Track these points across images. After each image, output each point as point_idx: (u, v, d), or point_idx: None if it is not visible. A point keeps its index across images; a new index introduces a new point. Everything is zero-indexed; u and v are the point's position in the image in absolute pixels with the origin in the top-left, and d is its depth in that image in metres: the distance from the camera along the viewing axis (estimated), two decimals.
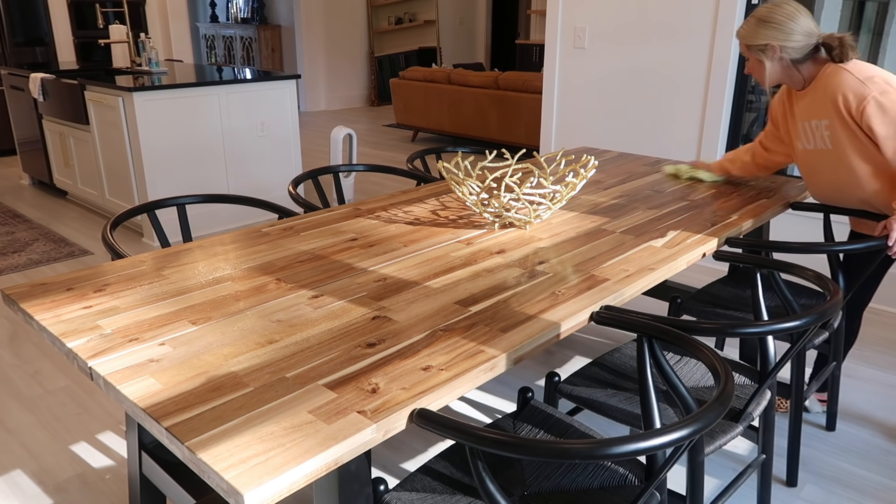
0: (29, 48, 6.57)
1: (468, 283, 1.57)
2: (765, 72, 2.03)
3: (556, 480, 1.40)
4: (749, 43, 2.03)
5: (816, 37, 1.98)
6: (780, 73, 2.04)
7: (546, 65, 4.20)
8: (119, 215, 1.99)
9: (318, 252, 1.76)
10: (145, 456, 1.65)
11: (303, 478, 0.95)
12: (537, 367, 2.80)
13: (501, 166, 2.10)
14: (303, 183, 3.22)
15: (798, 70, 2.03)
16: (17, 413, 2.48)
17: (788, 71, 2.03)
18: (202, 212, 4.23)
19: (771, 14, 1.98)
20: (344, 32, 9.35)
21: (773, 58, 2.00)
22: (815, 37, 1.98)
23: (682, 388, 1.42)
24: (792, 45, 1.97)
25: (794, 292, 2.29)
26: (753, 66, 2.07)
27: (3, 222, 4.63)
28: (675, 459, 1.21)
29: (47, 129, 4.94)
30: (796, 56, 1.99)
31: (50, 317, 1.38)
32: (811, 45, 1.98)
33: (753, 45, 2.01)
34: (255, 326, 1.34)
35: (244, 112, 4.38)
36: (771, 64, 2.02)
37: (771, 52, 1.99)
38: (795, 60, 2.00)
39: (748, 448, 2.29)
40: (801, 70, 2.03)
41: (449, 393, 1.15)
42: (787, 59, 2.00)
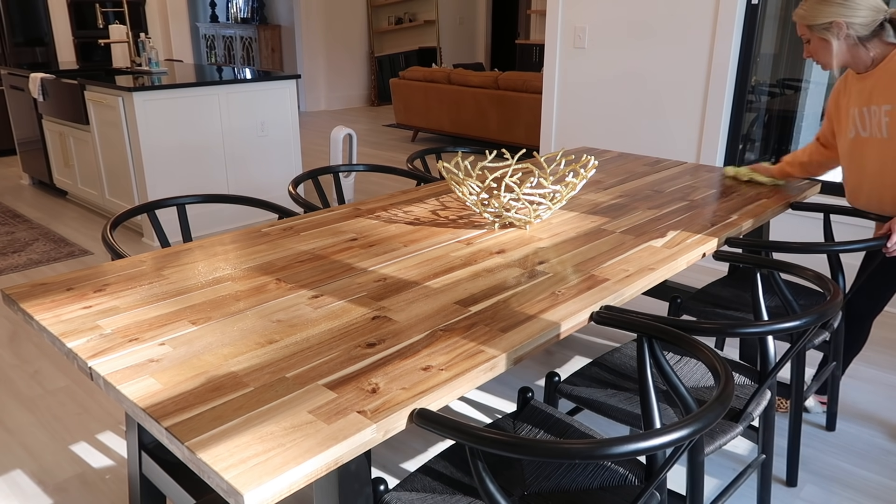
0: (29, 48, 6.57)
1: (468, 283, 1.57)
2: (831, 52, 1.93)
3: (556, 480, 1.40)
4: (811, 22, 1.93)
5: (884, 12, 1.89)
6: (847, 52, 1.94)
7: (546, 65, 4.20)
8: (119, 215, 1.99)
9: (318, 252, 1.76)
10: (145, 456, 1.65)
11: (303, 478, 0.95)
12: (537, 367, 2.80)
13: (501, 166, 2.10)
14: (303, 183, 3.22)
15: (865, 48, 1.92)
16: (17, 413, 2.48)
17: (855, 50, 1.93)
18: (202, 212, 4.23)
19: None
20: (344, 32, 9.35)
21: (839, 36, 1.91)
22: (882, 12, 1.89)
23: (682, 388, 1.42)
24: (859, 20, 1.87)
25: (794, 292, 2.29)
26: (816, 47, 1.97)
27: (3, 222, 4.63)
28: (675, 459, 1.21)
29: (47, 129, 4.94)
30: (863, 33, 1.89)
31: (50, 317, 1.38)
32: (878, 22, 1.89)
33: (816, 24, 1.92)
34: (255, 326, 1.34)
35: (244, 112, 4.38)
36: (837, 43, 1.92)
37: (836, 29, 1.90)
38: (862, 38, 1.90)
39: (748, 448, 2.29)
40: (868, 49, 1.93)
41: (449, 393, 1.15)
42: (854, 37, 1.90)
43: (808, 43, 1.99)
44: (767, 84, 3.73)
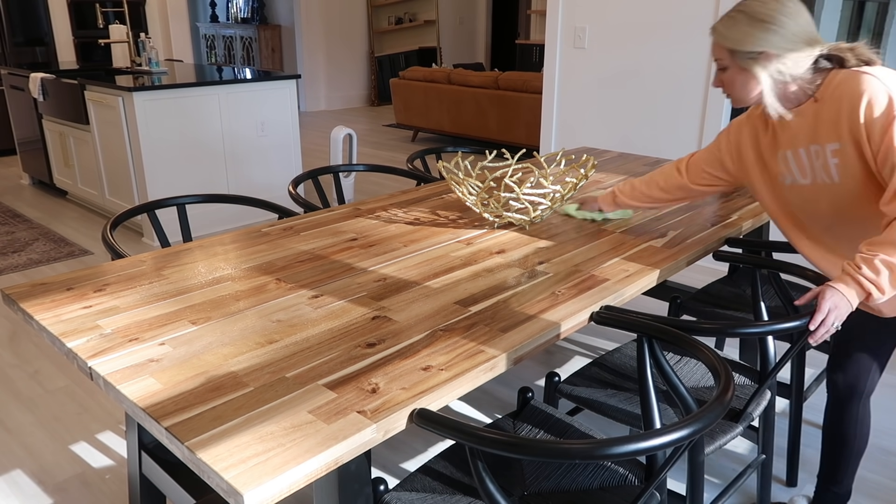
0: (29, 48, 6.57)
1: (468, 283, 1.57)
2: (755, 87, 1.50)
3: (556, 480, 1.40)
4: (734, 47, 1.48)
5: (819, 46, 1.48)
6: (773, 89, 1.51)
7: (546, 65, 4.20)
8: (119, 215, 1.99)
9: (318, 252, 1.76)
10: (145, 456, 1.65)
11: (303, 478, 0.95)
12: (537, 367, 2.80)
13: (501, 166, 2.10)
14: (303, 183, 3.22)
15: (795, 83, 1.51)
16: (17, 413, 2.48)
17: (783, 87, 1.51)
18: (202, 212, 4.23)
19: (766, 10, 1.45)
20: (344, 32, 9.35)
21: (767, 69, 1.47)
22: (818, 46, 1.48)
23: (682, 388, 1.42)
24: (793, 56, 1.46)
25: (795, 292, 2.29)
26: (734, 78, 1.52)
27: (3, 222, 4.63)
28: (675, 459, 1.21)
29: (47, 128, 4.94)
30: (797, 71, 1.48)
31: (50, 317, 1.38)
32: (813, 57, 1.48)
33: (741, 50, 1.48)
34: (255, 326, 1.34)
35: (244, 112, 4.38)
36: (765, 79, 1.48)
37: (766, 61, 1.47)
38: (794, 75, 1.49)
39: (748, 448, 2.29)
40: (800, 84, 1.51)
41: (449, 393, 1.15)
42: (787, 74, 1.48)
43: (722, 71, 1.54)
44: None
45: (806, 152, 1.55)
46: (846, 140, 1.46)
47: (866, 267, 1.39)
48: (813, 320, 1.41)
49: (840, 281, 1.42)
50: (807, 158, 1.56)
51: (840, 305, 1.41)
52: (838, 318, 1.42)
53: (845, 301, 1.41)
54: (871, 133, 1.40)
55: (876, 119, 1.39)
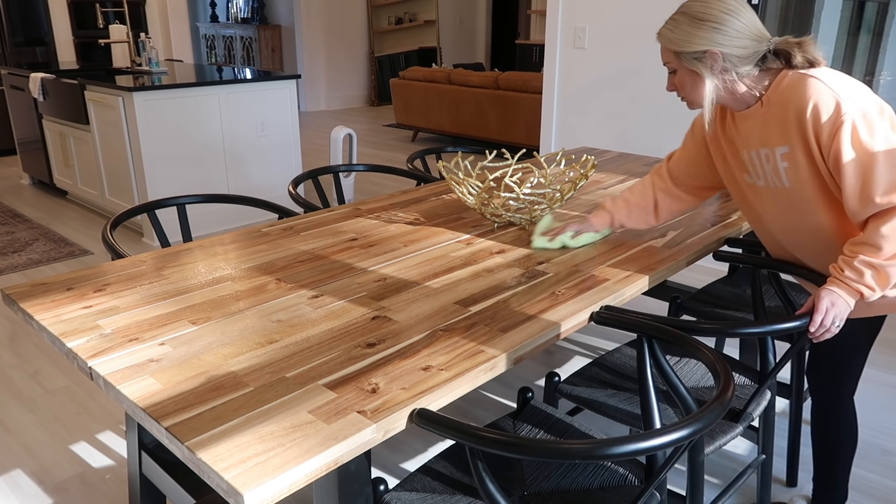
0: (29, 48, 6.57)
1: (468, 283, 1.57)
2: (703, 88, 1.50)
3: (556, 480, 1.40)
4: (679, 49, 1.49)
5: (767, 41, 1.48)
6: (722, 88, 1.51)
7: (546, 65, 4.20)
8: (119, 215, 1.99)
9: (318, 252, 1.76)
10: (145, 456, 1.65)
11: (303, 478, 0.95)
12: (537, 367, 2.80)
13: (501, 166, 2.10)
14: (303, 183, 3.22)
15: (743, 83, 1.51)
16: (17, 413, 2.48)
17: (733, 86, 1.51)
18: (202, 212, 4.23)
19: (707, 10, 1.46)
20: (344, 32, 9.35)
21: (713, 69, 1.48)
22: (764, 41, 1.48)
23: (682, 388, 1.42)
24: (738, 51, 1.46)
25: (795, 292, 2.29)
26: (683, 80, 1.53)
27: (3, 222, 4.63)
28: (675, 459, 1.21)
29: (47, 128, 4.94)
30: (742, 67, 1.48)
31: (50, 317, 1.38)
32: (760, 53, 1.48)
33: (685, 51, 1.48)
34: (255, 326, 1.34)
35: (244, 112, 4.38)
36: (711, 77, 1.49)
37: (710, 60, 1.46)
38: (740, 73, 1.49)
39: (748, 448, 2.29)
40: (748, 84, 1.51)
41: (449, 393, 1.15)
42: (732, 71, 1.48)
43: (672, 73, 1.55)
44: None
45: (757, 155, 1.55)
46: (795, 144, 1.46)
47: (848, 270, 1.43)
48: (812, 321, 1.43)
49: (832, 283, 1.46)
50: (758, 161, 1.56)
51: (837, 304, 1.44)
52: (837, 316, 1.44)
53: (842, 300, 1.44)
54: (820, 137, 1.41)
55: (824, 124, 1.39)
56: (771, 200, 1.59)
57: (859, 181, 1.38)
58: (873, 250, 1.39)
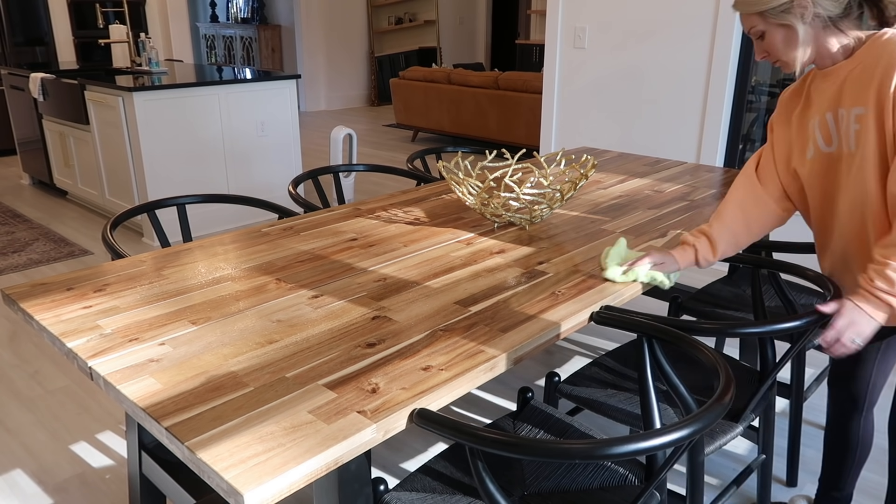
0: (29, 48, 6.57)
1: (468, 283, 1.57)
2: (797, 41, 1.37)
3: (556, 480, 1.40)
4: (764, 7, 1.37)
5: None
6: (814, 40, 1.39)
7: (546, 65, 4.20)
8: (119, 215, 1.99)
9: (318, 252, 1.76)
10: (145, 456, 1.65)
11: (303, 478, 0.95)
12: (537, 367, 2.80)
13: (501, 166, 2.10)
14: (303, 183, 3.22)
15: (837, 33, 1.38)
16: (17, 413, 2.48)
17: (824, 36, 1.38)
18: (202, 212, 4.23)
19: None
20: (344, 32, 9.35)
21: (804, 17, 1.35)
22: None
23: (682, 388, 1.42)
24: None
25: (795, 292, 2.29)
26: (775, 40, 1.40)
27: (3, 222, 4.63)
28: (675, 459, 1.21)
29: (47, 128, 4.94)
30: (835, 11, 1.35)
31: (50, 317, 1.38)
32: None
33: (772, 6, 1.36)
34: (255, 326, 1.34)
35: (244, 112, 4.38)
36: (804, 28, 1.36)
37: (800, 9, 1.34)
38: (833, 18, 1.36)
39: (748, 448, 2.29)
40: (840, 34, 1.38)
41: (449, 393, 1.15)
42: (824, 17, 1.35)
43: (760, 39, 1.43)
44: (767, 84, 3.73)
45: (833, 117, 1.43)
46: (870, 106, 1.33)
47: (879, 279, 1.28)
48: (824, 338, 1.33)
49: (859, 296, 1.32)
50: (833, 123, 1.43)
51: (858, 322, 1.31)
52: (858, 335, 1.32)
53: (865, 317, 1.31)
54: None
55: None
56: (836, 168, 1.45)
57: None
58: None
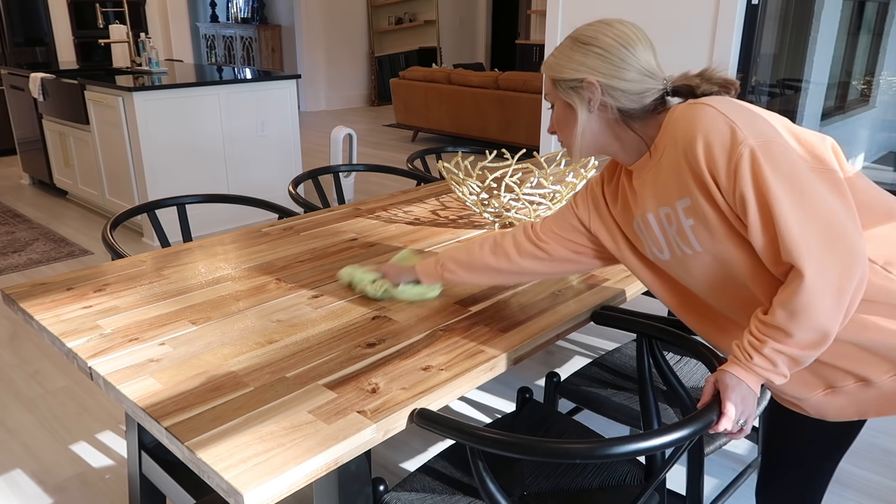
0: (29, 48, 6.57)
1: None
2: (575, 126, 1.20)
3: (556, 480, 1.40)
4: (555, 75, 1.21)
5: (662, 80, 1.19)
6: (600, 133, 1.21)
7: None
8: (119, 215, 1.99)
9: (318, 252, 1.76)
10: (145, 456, 1.65)
11: (303, 478, 0.95)
12: (537, 367, 2.80)
13: (501, 166, 2.10)
14: (303, 183, 3.22)
15: (633, 130, 1.20)
16: (17, 413, 2.48)
17: (615, 130, 1.21)
18: (202, 212, 4.23)
19: (595, 34, 1.19)
20: (344, 32, 9.35)
21: (589, 105, 1.18)
22: (659, 80, 1.19)
23: (681, 389, 1.42)
24: (623, 85, 1.16)
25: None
26: (559, 115, 1.24)
27: (3, 222, 4.63)
28: (675, 459, 1.21)
29: (47, 128, 4.94)
30: (630, 106, 1.17)
31: (50, 317, 1.38)
32: (655, 91, 1.18)
33: (561, 78, 1.20)
34: (255, 326, 1.34)
35: (244, 112, 4.38)
36: (586, 116, 1.19)
37: (587, 92, 1.17)
38: (627, 113, 1.18)
39: (748, 448, 2.29)
40: (637, 130, 1.20)
41: (449, 393, 1.15)
42: (614, 110, 1.18)
43: (551, 109, 1.26)
44: (767, 84, 3.73)
45: (656, 218, 1.19)
46: (694, 192, 1.10)
47: (759, 358, 1.09)
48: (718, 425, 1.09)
49: (736, 366, 1.11)
50: (658, 226, 1.19)
51: (746, 397, 1.11)
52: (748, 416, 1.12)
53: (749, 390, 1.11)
54: (718, 176, 1.06)
55: (718, 158, 1.05)
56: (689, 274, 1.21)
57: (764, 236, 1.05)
58: (783, 336, 1.06)
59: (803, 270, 1.01)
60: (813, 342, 1.05)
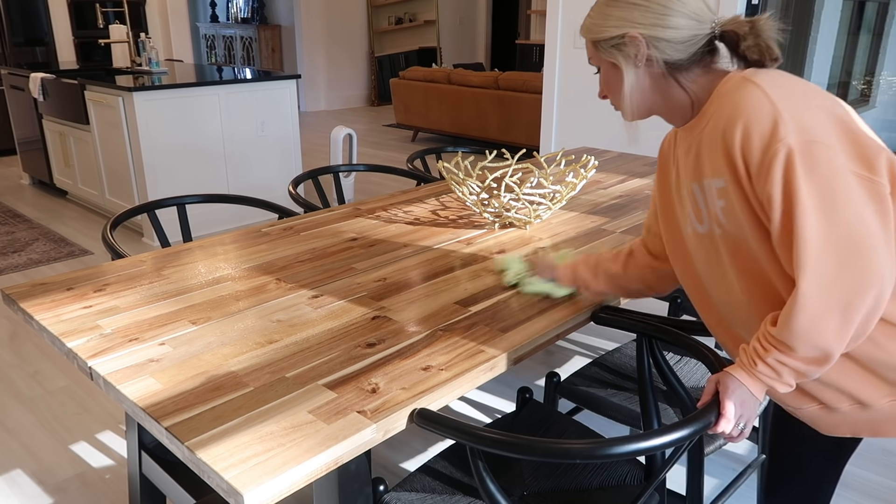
0: (29, 48, 6.57)
1: (468, 283, 1.57)
2: (622, 88, 1.14)
3: (556, 480, 1.40)
4: (595, 36, 1.15)
5: (711, 23, 1.10)
6: (650, 90, 1.14)
7: (546, 65, 4.20)
8: (119, 215, 1.99)
9: (318, 252, 1.76)
10: (145, 456, 1.65)
11: (303, 478, 0.95)
12: (537, 367, 2.80)
13: (501, 166, 2.10)
14: (303, 183, 3.21)
15: (681, 85, 1.13)
16: (17, 413, 2.48)
17: (664, 85, 1.13)
18: (202, 212, 4.23)
19: None
20: (344, 32, 9.35)
21: (634, 60, 1.11)
22: (708, 23, 1.10)
23: (681, 389, 1.42)
24: (668, 34, 1.08)
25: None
26: (607, 78, 1.17)
27: (3, 222, 4.63)
28: (675, 459, 1.21)
29: (47, 128, 4.94)
30: (677, 56, 1.10)
31: (50, 317, 1.38)
32: (702, 37, 1.10)
33: (601, 38, 1.14)
34: (255, 326, 1.34)
35: (244, 112, 4.38)
36: (634, 73, 1.12)
37: (631, 47, 1.10)
38: (675, 65, 1.11)
39: (748, 448, 2.29)
40: (685, 85, 1.13)
41: (449, 393, 1.15)
42: (660, 63, 1.10)
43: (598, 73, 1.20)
44: None
45: (700, 188, 1.12)
46: (727, 176, 1.05)
47: (762, 364, 1.06)
48: (717, 426, 1.09)
49: (740, 370, 1.10)
50: (701, 197, 1.13)
51: (746, 402, 1.09)
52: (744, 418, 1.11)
53: (750, 395, 1.09)
54: (750, 166, 1.01)
55: (754, 148, 0.99)
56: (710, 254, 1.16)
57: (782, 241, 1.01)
58: (786, 349, 1.03)
59: (801, 287, 0.97)
60: (816, 359, 1.02)
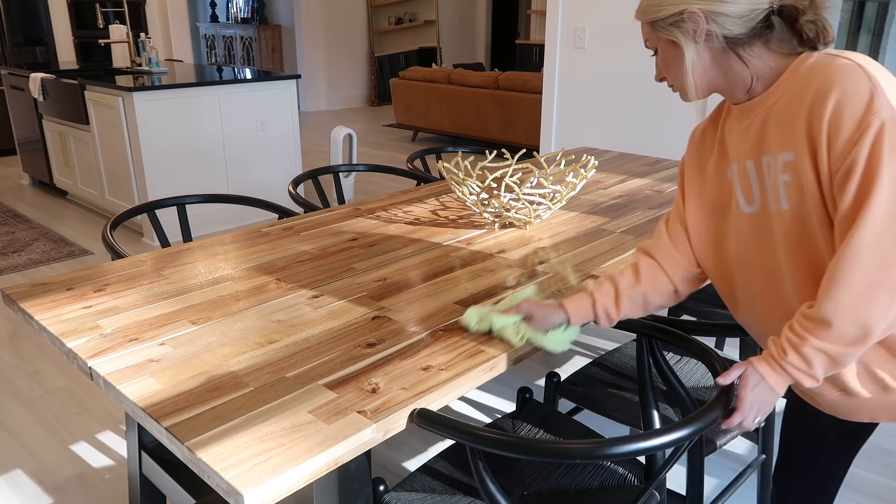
0: (29, 48, 6.57)
1: (468, 283, 1.57)
2: (683, 65, 1.12)
3: (555, 480, 1.40)
4: (652, 16, 1.14)
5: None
6: (711, 66, 1.12)
7: (546, 65, 4.20)
8: (119, 215, 1.99)
9: (318, 252, 1.76)
10: (145, 456, 1.65)
11: (303, 478, 0.95)
12: (537, 367, 2.80)
13: (501, 166, 2.10)
14: (303, 183, 3.21)
15: (742, 59, 1.10)
16: (17, 413, 2.48)
17: (725, 61, 1.11)
18: (202, 212, 4.23)
19: None
20: (344, 32, 9.35)
21: (695, 36, 1.10)
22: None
23: (681, 388, 1.42)
24: (727, 8, 1.07)
25: None
26: (665, 60, 1.16)
27: (3, 222, 4.63)
28: (675, 459, 1.21)
29: (47, 128, 4.94)
30: (736, 31, 1.08)
31: (50, 317, 1.38)
32: (761, 12, 1.07)
33: (659, 17, 1.12)
34: (255, 326, 1.34)
35: (244, 112, 4.38)
36: (694, 48, 1.11)
37: (691, 24, 1.09)
38: (735, 40, 1.09)
39: (748, 448, 2.29)
40: (746, 60, 1.10)
41: (449, 393, 1.15)
42: (720, 38, 1.09)
43: (655, 55, 1.19)
44: None
45: (755, 165, 1.12)
46: (802, 150, 1.04)
47: (794, 355, 1.05)
48: (731, 420, 1.10)
49: (765, 362, 1.08)
50: (755, 174, 1.12)
51: (763, 398, 1.09)
52: (762, 411, 1.11)
53: (770, 391, 1.09)
54: (835, 140, 0.99)
55: (845, 121, 0.98)
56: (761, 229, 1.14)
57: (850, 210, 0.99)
58: (825, 329, 1.01)
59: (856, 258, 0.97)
60: (853, 339, 1.00)
